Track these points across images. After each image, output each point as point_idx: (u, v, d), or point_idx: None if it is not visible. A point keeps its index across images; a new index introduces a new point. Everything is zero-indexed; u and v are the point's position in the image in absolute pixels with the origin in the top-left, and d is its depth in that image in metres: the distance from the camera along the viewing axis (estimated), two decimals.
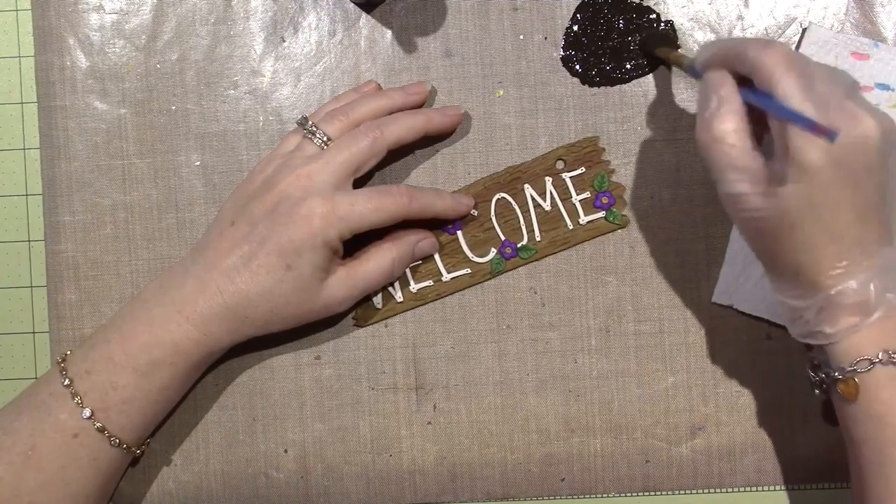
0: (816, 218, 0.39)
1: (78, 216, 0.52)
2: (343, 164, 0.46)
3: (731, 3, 0.50)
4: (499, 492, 0.51)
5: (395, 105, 0.49)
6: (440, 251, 0.50)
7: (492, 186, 0.51)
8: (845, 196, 0.39)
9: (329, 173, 0.46)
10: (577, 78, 0.51)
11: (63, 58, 0.52)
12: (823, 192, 0.39)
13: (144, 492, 0.51)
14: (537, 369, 0.51)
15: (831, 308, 0.40)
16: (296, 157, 0.47)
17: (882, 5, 0.50)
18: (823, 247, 0.40)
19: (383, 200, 0.46)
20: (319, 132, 0.47)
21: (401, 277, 0.51)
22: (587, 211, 0.50)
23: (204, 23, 0.52)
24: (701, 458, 0.50)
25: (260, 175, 0.47)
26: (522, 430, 0.51)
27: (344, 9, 0.51)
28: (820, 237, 0.40)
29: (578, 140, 0.50)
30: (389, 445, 0.51)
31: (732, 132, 0.40)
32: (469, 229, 0.51)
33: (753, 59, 0.40)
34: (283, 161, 0.47)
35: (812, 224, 0.39)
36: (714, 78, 0.42)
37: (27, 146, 0.53)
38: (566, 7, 0.51)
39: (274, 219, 0.45)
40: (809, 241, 0.40)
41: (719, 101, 0.41)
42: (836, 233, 0.39)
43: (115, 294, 0.52)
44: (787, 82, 0.39)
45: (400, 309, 0.51)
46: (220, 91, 0.52)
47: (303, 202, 0.45)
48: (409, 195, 0.47)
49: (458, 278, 0.51)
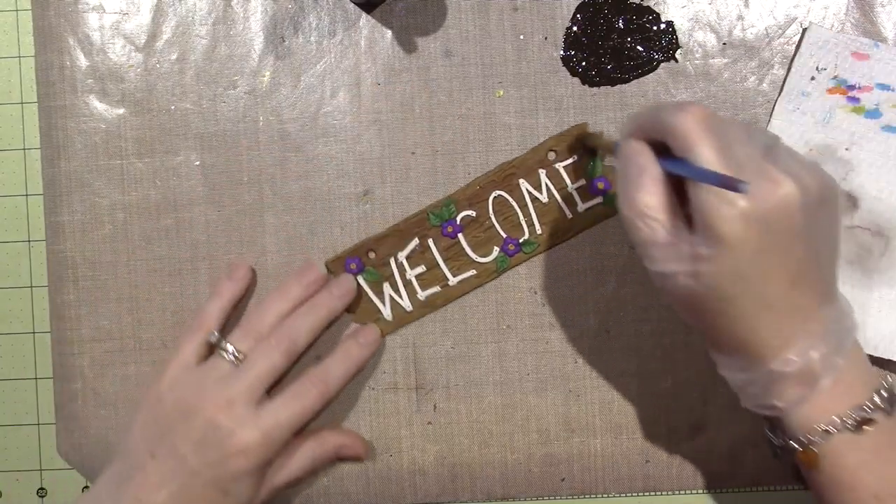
0: (746, 290, 0.37)
1: (77, 216, 0.52)
2: (260, 380, 0.46)
3: (731, 3, 0.50)
4: (499, 492, 0.51)
5: (296, 304, 0.49)
6: (444, 256, 0.50)
7: (487, 185, 0.51)
8: (773, 263, 0.37)
9: (249, 394, 0.46)
10: (577, 78, 0.51)
11: (63, 58, 0.52)
12: (749, 262, 0.37)
13: None
14: (537, 369, 0.51)
15: (777, 381, 0.39)
16: (209, 378, 0.46)
17: (882, 5, 0.50)
18: (758, 318, 0.38)
19: (304, 403, 0.46)
20: (231, 347, 0.47)
21: (408, 286, 0.51)
22: (584, 198, 0.50)
23: (203, 23, 0.52)
24: (701, 458, 0.50)
25: (169, 396, 0.46)
26: (522, 430, 0.51)
27: (344, 9, 0.51)
28: (753, 309, 0.38)
29: (567, 129, 0.50)
30: (389, 445, 0.51)
31: (654, 208, 0.38)
32: (469, 231, 0.51)
33: (668, 124, 0.38)
34: (196, 381, 0.46)
35: (743, 297, 0.37)
36: (630, 149, 0.39)
37: (27, 146, 0.53)
38: (566, 7, 0.51)
39: (205, 452, 0.44)
40: (743, 314, 0.38)
41: (637, 173, 0.38)
42: (769, 303, 0.38)
43: (112, 294, 0.52)
44: (701, 145, 0.36)
45: (410, 319, 0.51)
46: (220, 91, 0.52)
47: (234, 435, 0.45)
48: (325, 381, 0.47)
49: (465, 280, 0.51)
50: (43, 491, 0.53)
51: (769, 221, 0.36)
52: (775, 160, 0.38)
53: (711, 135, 0.37)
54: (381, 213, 0.51)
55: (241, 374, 0.46)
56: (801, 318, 0.38)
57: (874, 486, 0.38)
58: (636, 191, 0.38)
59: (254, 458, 0.45)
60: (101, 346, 0.52)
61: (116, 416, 0.52)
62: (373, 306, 0.51)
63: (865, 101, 0.49)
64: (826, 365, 0.38)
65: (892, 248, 0.48)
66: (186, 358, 0.47)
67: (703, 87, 0.50)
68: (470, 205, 0.50)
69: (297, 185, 0.51)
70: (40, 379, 0.53)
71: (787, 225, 0.37)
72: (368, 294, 0.51)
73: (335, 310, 0.49)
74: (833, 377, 0.38)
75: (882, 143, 0.49)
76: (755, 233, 0.36)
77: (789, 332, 0.38)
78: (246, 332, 0.48)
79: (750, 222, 0.36)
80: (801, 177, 0.37)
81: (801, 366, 0.38)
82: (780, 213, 0.36)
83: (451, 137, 0.51)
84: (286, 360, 0.47)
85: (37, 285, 0.53)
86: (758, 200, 0.36)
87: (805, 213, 0.37)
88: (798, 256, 0.38)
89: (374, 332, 0.50)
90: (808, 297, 0.38)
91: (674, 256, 0.38)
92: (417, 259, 0.51)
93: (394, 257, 0.51)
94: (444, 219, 0.51)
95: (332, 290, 0.49)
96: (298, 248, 0.51)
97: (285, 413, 0.46)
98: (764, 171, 0.37)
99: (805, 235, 0.37)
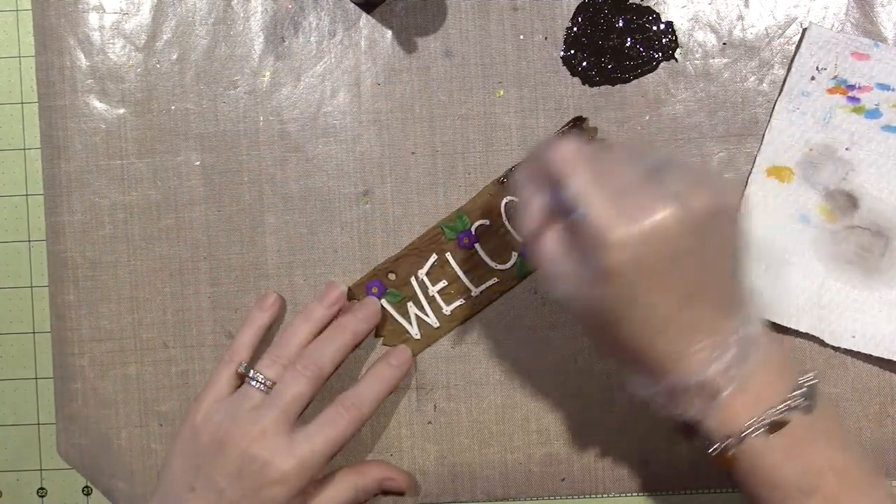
0: (635, 312, 0.38)
1: (77, 216, 0.52)
2: (289, 408, 0.46)
3: (731, 3, 0.50)
4: (499, 492, 0.51)
5: (321, 325, 0.49)
6: (463, 268, 0.50)
7: (496, 193, 0.50)
8: (658, 286, 0.37)
9: (281, 423, 0.46)
10: (578, 78, 0.51)
11: (63, 58, 0.52)
12: (632, 286, 0.37)
13: (146, 493, 0.51)
14: (537, 369, 0.51)
15: (679, 394, 0.39)
16: (242, 409, 0.46)
17: (882, 5, 0.50)
18: (652, 333, 0.38)
19: (338, 428, 0.46)
20: (261, 375, 0.47)
21: (432, 302, 0.51)
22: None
23: (203, 23, 0.52)
24: (701, 459, 0.50)
25: (204, 428, 0.46)
26: (522, 430, 0.51)
27: (344, 9, 0.51)
28: (647, 329, 0.38)
29: (565, 123, 0.50)
30: (390, 445, 0.51)
31: (551, 246, 0.39)
32: (486, 239, 0.51)
33: (547, 160, 0.39)
34: (228, 412, 0.46)
35: (635, 318, 0.38)
36: (524, 191, 0.41)
37: (27, 146, 0.53)
38: (566, 7, 0.51)
39: (242, 484, 0.45)
40: (639, 332, 0.38)
41: (532, 217, 0.40)
42: (661, 317, 0.38)
43: (112, 294, 0.52)
44: (574, 178, 0.37)
45: (439, 335, 0.51)
46: (220, 91, 0.52)
47: (269, 465, 0.45)
48: (357, 406, 0.47)
49: (488, 289, 0.51)
50: (43, 491, 0.53)
51: (646, 245, 0.37)
52: (660, 182, 0.38)
53: (585, 164, 0.38)
54: (381, 213, 0.51)
55: (271, 404, 0.46)
56: (698, 334, 0.39)
57: (795, 482, 0.39)
58: (535, 234, 0.40)
59: (291, 486, 0.45)
60: (101, 346, 0.52)
61: (116, 416, 0.52)
62: (400, 327, 0.51)
63: (865, 100, 0.49)
64: (727, 377, 0.39)
65: (892, 248, 0.48)
66: (219, 390, 0.48)
67: (703, 87, 0.50)
68: (482, 214, 0.50)
69: (297, 185, 0.51)
70: (40, 379, 0.53)
71: (668, 247, 0.37)
72: (394, 316, 0.51)
73: (360, 333, 0.49)
74: (735, 388, 0.39)
75: (882, 143, 0.49)
76: (632, 257, 0.37)
77: (685, 348, 0.39)
78: (274, 358, 0.48)
79: (626, 248, 0.36)
80: (687, 196, 0.37)
81: (700, 380, 0.39)
82: (656, 236, 0.37)
83: (451, 137, 0.51)
84: (313, 387, 0.47)
85: (37, 285, 0.53)
86: (631, 226, 0.36)
87: (690, 232, 0.37)
88: (686, 276, 0.38)
89: (406, 353, 0.50)
90: (705, 312, 0.39)
91: (570, 283, 0.39)
92: (438, 274, 0.51)
93: (414, 276, 0.51)
94: (459, 230, 0.51)
95: (357, 313, 0.50)
96: (298, 248, 0.51)
97: (320, 440, 0.46)
98: (640, 196, 0.37)
99: (694, 253, 0.37)
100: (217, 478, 0.45)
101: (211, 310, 0.52)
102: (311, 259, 0.51)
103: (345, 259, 0.51)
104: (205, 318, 0.52)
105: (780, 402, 0.39)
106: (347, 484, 0.48)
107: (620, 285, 0.37)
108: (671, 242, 0.37)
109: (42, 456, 0.53)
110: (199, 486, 0.45)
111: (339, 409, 0.47)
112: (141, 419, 0.52)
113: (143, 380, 0.52)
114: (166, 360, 0.52)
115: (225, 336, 0.51)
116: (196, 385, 0.51)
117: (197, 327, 0.52)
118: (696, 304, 0.38)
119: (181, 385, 0.52)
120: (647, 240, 0.37)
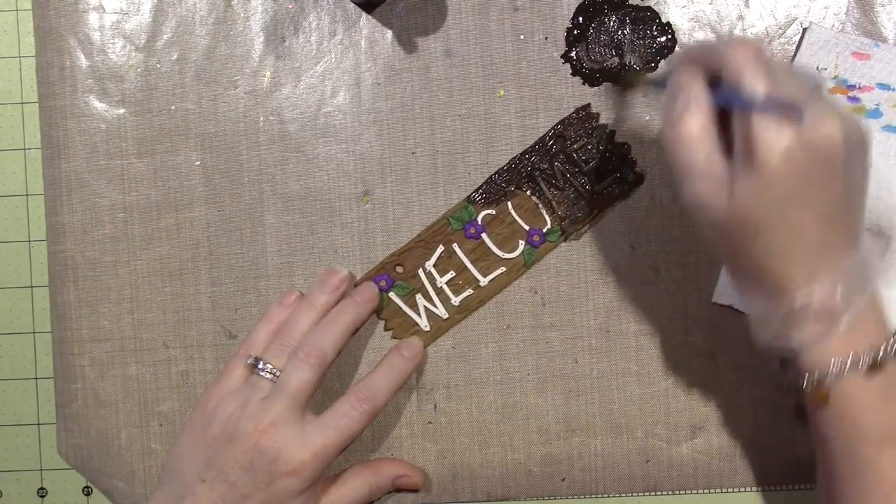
0: (780, 218, 0.38)
1: (77, 216, 0.52)
2: (296, 397, 0.46)
3: (731, 3, 0.50)
4: (499, 492, 0.51)
5: (324, 311, 0.49)
6: (471, 258, 0.50)
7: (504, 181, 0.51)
8: (809, 196, 0.38)
9: (289, 413, 0.46)
10: (578, 77, 0.51)
11: (63, 58, 0.52)
12: (788, 192, 0.38)
13: (146, 493, 0.51)
14: (537, 369, 0.51)
15: (798, 314, 0.39)
16: (252, 400, 0.46)
17: (882, 5, 0.50)
18: (787, 249, 0.39)
19: (351, 420, 0.46)
20: (268, 365, 0.47)
21: (440, 293, 0.51)
22: (601, 178, 0.50)
23: (204, 23, 0.52)
24: (701, 458, 0.50)
25: (214, 419, 0.46)
26: (523, 430, 0.51)
27: (344, 9, 0.51)
28: (784, 239, 0.39)
29: (569, 114, 0.50)
30: (390, 445, 0.51)
31: (698, 131, 0.39)
32: (492, 229, 0.51)
33: (723, 55, 0.39)
34: (239, 404, 0.46)
35: (776, 225, 0.38)
36: (683, 76, 0.40)
37: (27, 146, 0.53)
38: (566, 7, 0.51)
39: (254, 476, 0.45)
40: (773, 243, 0.39)
41: (686, 100, 0.39)
42: (800, 235, 0.38)
43: (113, 294, 0.52)
44: (756, 76, 0.38)
45: (448, 326, 0.51)
46: (220, 91, 0.52)
47: (281, 456, 0.45)
48: (370, 398, 0.47)
49: (496, 279, 0.51)
50: (43, 491, 0.53)
51: (813, 155, 0.37)
52: (821, 100, 0.39)
53: (764, 67, 0.38)
54: (381, 213, 0.51)
55: (277, 394, 0.46)
56: (828, 256, 0.39)
57: (879, 428, 0.39)
58: (683, 117, 0.39)
59: (304, 478, 0.45)
60: (101, 346, 0.52)
61: (116, 416, 0.52)
62: (409, 320, 0.51)
63: (866, 100, 0.49)
64: (848, 303, 0.39)
65: (892, 248, 0.48)
66: (230, 380, 0.48)
67: None
68: (488, 203, 0.50)
69: (297, 185, 0.51)
70: (40, 379, 0.53)
71: (829, 161, 0.38)
72: (402, 308, 0.51)
73: (360, 316, 0.49)
74: (853, 316, 0.39)
75: (882, 143, 0.49)
76: (798, 164, 0.37)
77: (816, 267, 0.39)
78: (280, 346, 0.48)
79: (795, 153, 0.37)
80: (845, 118, 0.38)
81: (824, 300, 0.39)
82: (824, 148, 0.37)
83: (451, 137, 0.51)
84: (317, 374, 0.47)
85: (37, 285, 0.53)
86: (806, 132, 0.37)
87: (845, 154, 0.38)
88: (833, 194, 0.38)
89: (418, 345, 0.50)
90: (837, 236, 0.39)
91: (713, 179, 0.39)
92: (445, 265, 0.51)
93: (422, 268, 0.51)
94: (465, 221, 0.51)
95: (356, 296, 0.50)
96: (298, 248, 0.51)
97: (333, 432, 0.46)
98: (812, 106, 0.37)
99: (840, 176, 0.38)
100: (228, 469, 0.45)
101: (211, 310, 0.52)
102: (311, 259, 0.51)
103: (345, 259, 0.51)
104: (205, 318, 0.52)
105: (884, 341, 0.39)
106: (361, 480, 0.48)
107: (777, 188, 0.37)
108: (832, 157, 0.38)
109: (42, 456, 0.53)
110: (209, 477, 0.45)
111: (353, 401, 0.47)
112: (141, 419, 0.52)
113: (142, 380, 0.52)
114: (166, 360, 0.52)
115: (225, 336, 0.51)
116: (196, 385, 0.51)
117: (197, 327, 0.52)
118: (831, 227, 0.39)
119: (181, 385, 0.52)
120: (815, 149, 0.37)
